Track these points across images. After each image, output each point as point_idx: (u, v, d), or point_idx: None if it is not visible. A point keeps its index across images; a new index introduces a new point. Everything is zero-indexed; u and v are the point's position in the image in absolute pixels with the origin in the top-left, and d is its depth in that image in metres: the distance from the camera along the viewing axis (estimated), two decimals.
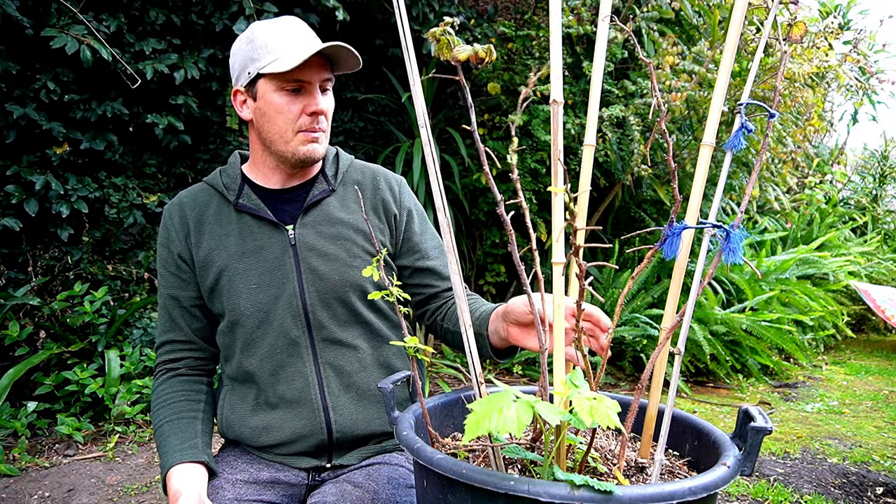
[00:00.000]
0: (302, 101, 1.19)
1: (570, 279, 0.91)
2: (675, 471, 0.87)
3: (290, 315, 1.22)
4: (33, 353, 2.77)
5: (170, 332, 1.30)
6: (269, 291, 1.23)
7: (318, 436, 1.23)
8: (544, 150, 3.85)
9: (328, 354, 1.24)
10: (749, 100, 0.79)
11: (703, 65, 3.57)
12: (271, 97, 1.19)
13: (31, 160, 2.83)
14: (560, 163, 0.76)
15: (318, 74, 1.20)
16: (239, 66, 1.21)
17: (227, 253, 1.24)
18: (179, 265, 1.27)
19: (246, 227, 1.25)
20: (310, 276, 1.23)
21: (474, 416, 0.65)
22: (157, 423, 1.25)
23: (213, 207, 1.27)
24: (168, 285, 1.29)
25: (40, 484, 2.34)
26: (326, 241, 1.25)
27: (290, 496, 1.24)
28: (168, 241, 1.28)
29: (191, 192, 1.31)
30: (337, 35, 3.69)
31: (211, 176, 1.31)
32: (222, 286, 1.24)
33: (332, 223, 1.26)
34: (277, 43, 1.17)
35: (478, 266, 4.28)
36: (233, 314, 1.23)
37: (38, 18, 2.70)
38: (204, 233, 1.26)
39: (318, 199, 1.27)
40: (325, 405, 1.23)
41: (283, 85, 1.18)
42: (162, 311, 1.31)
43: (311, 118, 1.20)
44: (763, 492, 2.41)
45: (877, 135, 14.74)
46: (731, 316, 3.79)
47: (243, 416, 1.26)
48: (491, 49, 0.72)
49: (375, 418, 1.27)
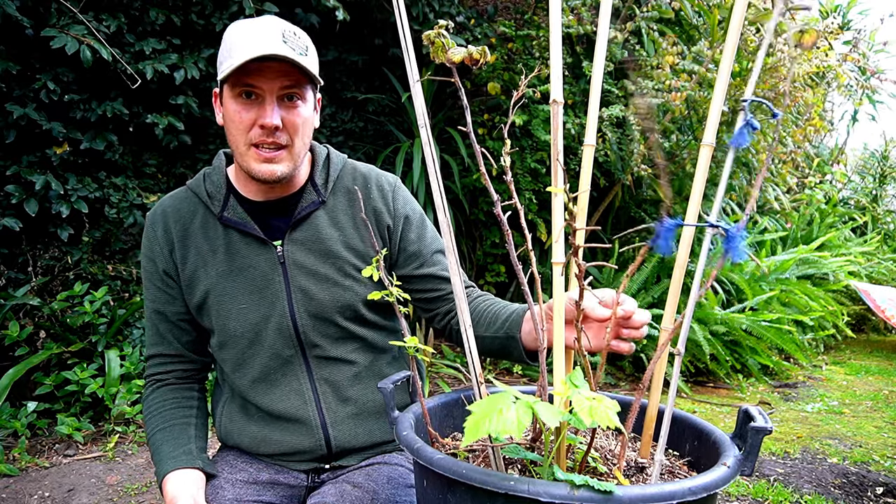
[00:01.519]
0: (255, 111, 1.10)
1: (570, 279, 0.91)
2: (675, 471, 0.87)
3: (281, 336, 1.19)
4: (33, 353, 2.77)
5: (158, 345, 1.26)
6: (259, 311, 1.18)
7: (317, 451, 1.23)
8: (544, 150, 3.85)
9: (323, 371, 1.22)
10: (753, 97, 0.79)
11: (703, 65, 3.57)
12: (228, 103, 1.11)
13: (31, 160, 2.83)
14: (560, 163, 0.76)
15: (273, 82, 1.08)
16: (218, 67, 1.14)
17: (215, 271, 1.18)
18: (165, 280, 1.22)
19: (233, 244, 1.19)
20: (299, 295, 1.18)
21: (474, 417, 0.65)
22: (149, 432, 1.23)
23: (198, 220, 1.21)
24: (154, 299, 1.24)
25: (40, 484, 2.34)
26: (316, 259, 1.19)
27: (289, 497, 1.24)
28: (152, 255, 1.22)
29: (174, 200, 1.24)
30: (337, 35, 3.69)
31: (195, 181, 1.24)
32: (210, 306, 1.19)
33: (322, 240, 1.20)
34: (238, 43, 1.07)
35: (478, 266, 4.28)
36: (222, 334, 1.20)
37: (38, 18, 2.70)
38: (189, 248, 1.20)
39: (307, 212, 1.20)
40: (323, 422, 1.22)
41: (237, 90, 1.09)
42: (149, 325, 1.27)
43: (262, 131, 1.10)
44: (763, 492, 2.41)
45: (877, 135, 14.74)
46: (731, 316, 3.78)
47: (242, 427, 1.26)
48: (485, 50, 0.72)
49: (376, 430, 1.25)
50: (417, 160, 3.64)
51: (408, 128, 4.09)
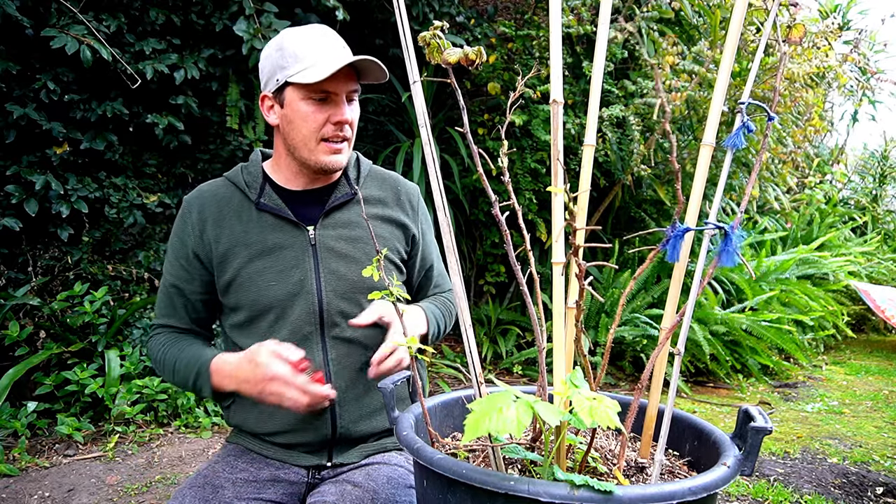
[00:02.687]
0: (328, 111, 1.21)
1: (570, 279, 0.91)
2: (675, 471, 0.87)
3: (306, 312, 1.25)
4: (33, 353, 2.77)
5: (170, 317, 1.33)
6: (287, 288, 1.25)
7: (322, 429, 1.25)
8: (544, 150, 3.85)
9: (337, 350, 1.27)
10: (750, 100, 0.79)
11: (704, 65, 3.57)
12: (298, 105, 1.21)
13: (31, 160, 2.83)
14: (560, 163, 0.76)
15: (345, 85, 1.22)
16: (268, 71, 1.23)
17: (248, 251, 1.26)
18: (191, 260, 1.29)
19: (267, 226, 1.27)
20: (329, 276, 1.26)
21: (474, 416, 0.65)
22: (175, 354, 1.28)
23: (234, 204, 1.29)
24: (175, 275, 1.30)
25: (40, 484, 2.34)
26: (346, 243, 1.29)
27: (290, 494, 1.25)
28: (184, 234, 1.29)
29: (212, 185, 1.33)
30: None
31: (232, 172, 1.33)
32: (241, 282, 1.26)
33: (353, 227, 1.30)
34: (306, 52, 1.19)
35: (478, 266, 4.28)
36: (252, 310, 1.26)
37: (38, 18, 2.70)
38: (224, 228, 1.28)
39: (341, 202, 1.30)
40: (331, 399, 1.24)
41: (311, 94, 1.20)
42: (163, 296, 1.33)
43: (335, 127, 1.23)
44: (763, 492, 2.41)
45: (877, 135, 14.74)
46: (731, 316, 3.79)
47: (252, 402, 1.27)
48: (481, 51, 0.73)
49: (379, 413, 1.29)
50: (417, 160, 3.64)
51: (408, 128, 4.09)
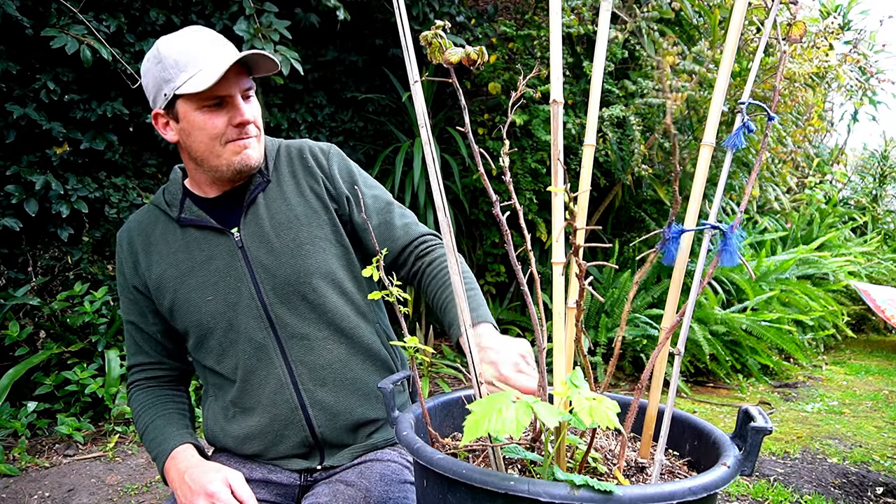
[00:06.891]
0: (226, 115, 1.15)
1: (570, 279, 0.91)
2: (675, 471, 0.87)
3: (253, 318, 1.21)
4: (33, 353, 2.77)
5: (137, 355, 1.31)
6: (228, 298, 1.21)
7: (299, 434, 1.23)
8: (544, 150, 3.85)
9: (297, 352, 1.23)
10: (750, 100, 0.79)
11: (704, 65, 3.57)
12: (193, 116, 1.14)
13: (31, 160, 2.83)
14: (560, 163, 0.76)
15: (238, 85, 1.15)
16: (153, 88, 1.16)
17: (178, 270, 1.22)
18: (134, 295, 1.27)
19: (192, 240, 1.23)
20: (262, 274, 1.21)
21: (473, 416, 0.65)
22: (146, 422, 1.25)
23: (159, 228, 1.26)
24: (128, 311, 1.29)
25: (40, 484, 2.34)
26: (272, 234, 1.23)
27: (283, 495, 1.25)
28: (122, 268, 1.28)
29: (138, 215, 1.30)
30: (337, 35, 3.69)
31: (155, 196, 1.30)
32: (179, 304, 1.22)
33: (273, 215, 1.24)
34: (188, 58, 1.11)
35: (478, 266, 4.28)
36: (198, 330, 1.23)
37: (38, 18, 2.70)
38: (152, 255, 1.25)
39: (256, 194, 1.25)
40: (301, 403, 1.22)
41: (204, 102, 1.13)
42: (126, 335, 1.32)
43: (238, 129, 1.16)
44: (763, 492, 2.41)
45: (877, 135, 14.74)
46: (731, 316, 3.78)
47: (224, 428, 1.27)
48: (483, 51, 0.72)
49: (357, 406, 1.25)
50: (417, 160, 3.64)
51: (408, 127, 4.09)
